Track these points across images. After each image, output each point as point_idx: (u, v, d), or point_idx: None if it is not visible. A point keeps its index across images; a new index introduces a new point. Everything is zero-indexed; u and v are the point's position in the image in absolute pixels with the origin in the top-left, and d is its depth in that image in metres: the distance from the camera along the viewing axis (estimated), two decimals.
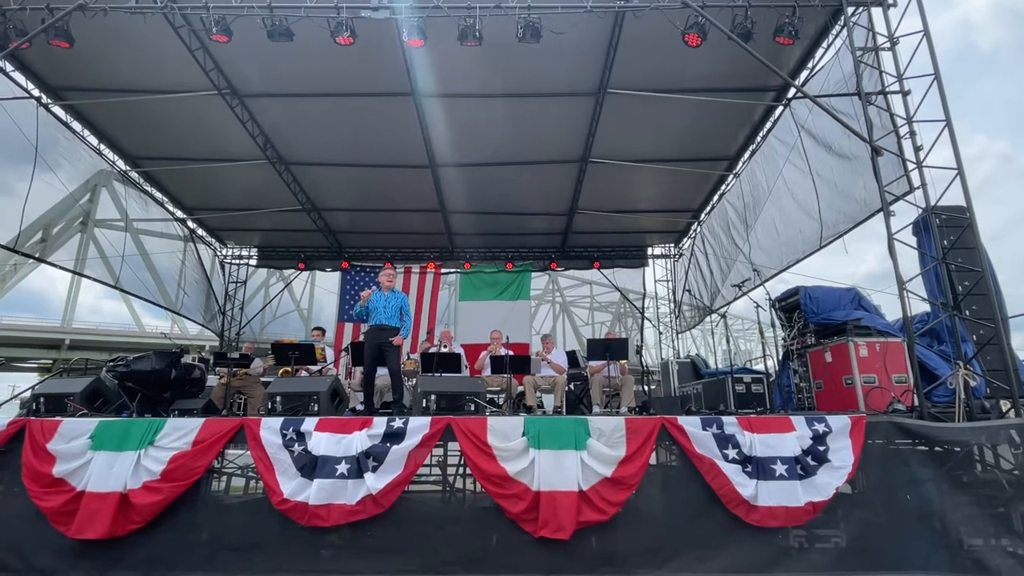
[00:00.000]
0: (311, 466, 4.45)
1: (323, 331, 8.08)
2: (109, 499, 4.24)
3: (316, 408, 5.21)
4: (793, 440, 4.54)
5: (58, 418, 4.58)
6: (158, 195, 9.46)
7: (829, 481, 4.40)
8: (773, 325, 7.09)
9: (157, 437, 4.49)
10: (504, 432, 4.66)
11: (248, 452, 4.61)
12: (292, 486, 4.39)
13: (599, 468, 4.52)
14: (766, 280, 8.10)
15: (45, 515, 4.20)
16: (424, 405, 5.25)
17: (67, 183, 7.46)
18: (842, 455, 4.48)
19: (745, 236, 8.70)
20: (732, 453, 4.56)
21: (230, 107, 7.19)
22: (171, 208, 9.84)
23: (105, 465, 4.34)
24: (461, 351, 7.70)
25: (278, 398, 5.28)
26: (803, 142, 6.88)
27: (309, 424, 4.64)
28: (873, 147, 5.33)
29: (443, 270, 11.81)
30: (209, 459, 4.53)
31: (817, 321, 6.74)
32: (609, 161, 8.25)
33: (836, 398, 6.00)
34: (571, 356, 8.22)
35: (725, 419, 4.70)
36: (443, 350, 7.25)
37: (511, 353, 7.04)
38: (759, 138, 7.87)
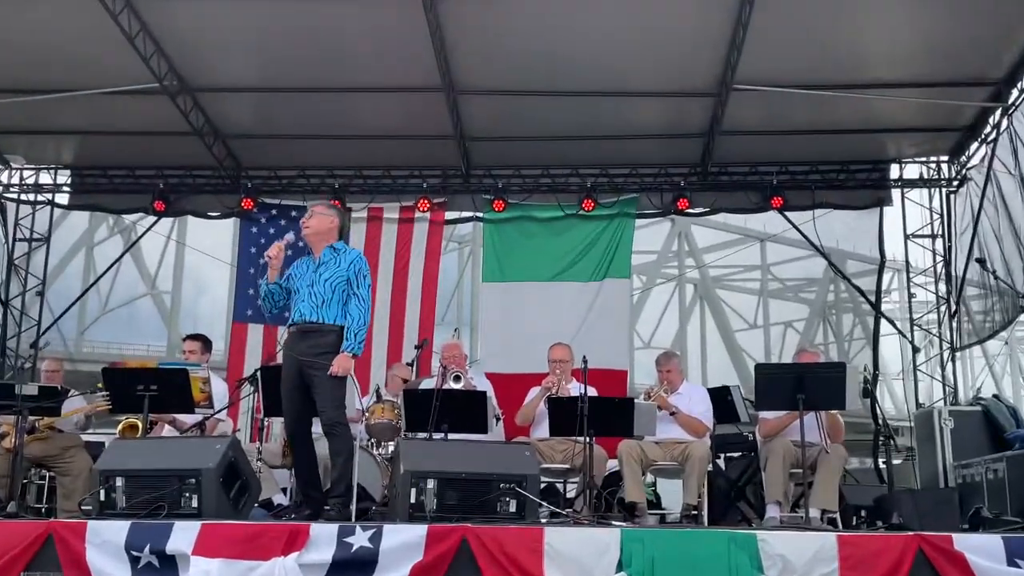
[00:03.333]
0: None
1: (205, 342, 8.28)
2: None
3: (195, 503, 5.36)
4: None
5: None
6: None
7: None
8: None
9: None
10: (579, 561, 4.72)
11: None
12: None
13: None
14: None
15: None
16: (413, 500, 5.37)
17: None
18: None
19: None
20: None
21: None
22: None
23: None
24: (486, 386, 7.85)
25: (119, 482, 5.45)
26: None
27: (182, 538, 4.73)
28: None
29: (447, 214, 11.91)
30: None
31: None
32: None
33: None
34: (719, 397, 8.27)
35: None
36: (451, 384, 7.37)
37: (593, 392, 7.08)
38: None
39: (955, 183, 11.49)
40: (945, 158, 11.48)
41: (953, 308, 11.56)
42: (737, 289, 22.67)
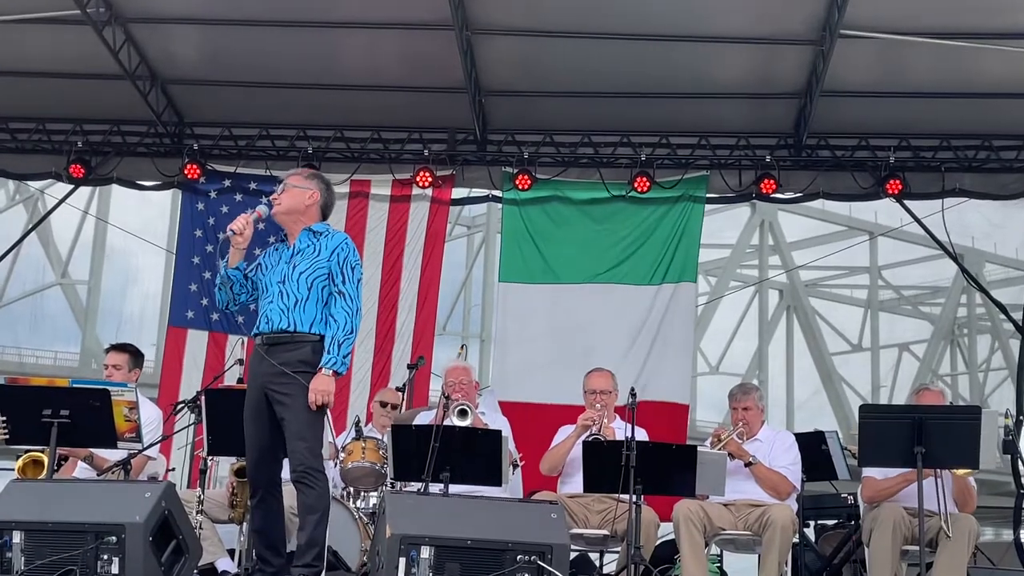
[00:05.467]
0: None
1: (135, 355, 8.30)
2: None
3: (116, 569, 5.34)
4: None
5: None
6: None
7: None
8: None
9: None
10: None
11: None
12: None
13: None
14: None
15: None
16: (402, 573, 5.34)
17: None
18: None
19: None
20: None
21: None
22: None
23: None
24: (502, 423, 7.91)
25: (16, 537, 5.42)
26: None
27: None
28: None
29: (455, 191, 11.98)
30: None
31: None
32: None
33: None
34: (811, 446, 8.39)
35: None
36: (454, 420, 7.38)
37: (643, 435, 7.09)
38: None
39: None
40: None
41: None
42: (837, 298, 22.49)
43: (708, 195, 11.64)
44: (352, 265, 6.01)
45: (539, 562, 5.37)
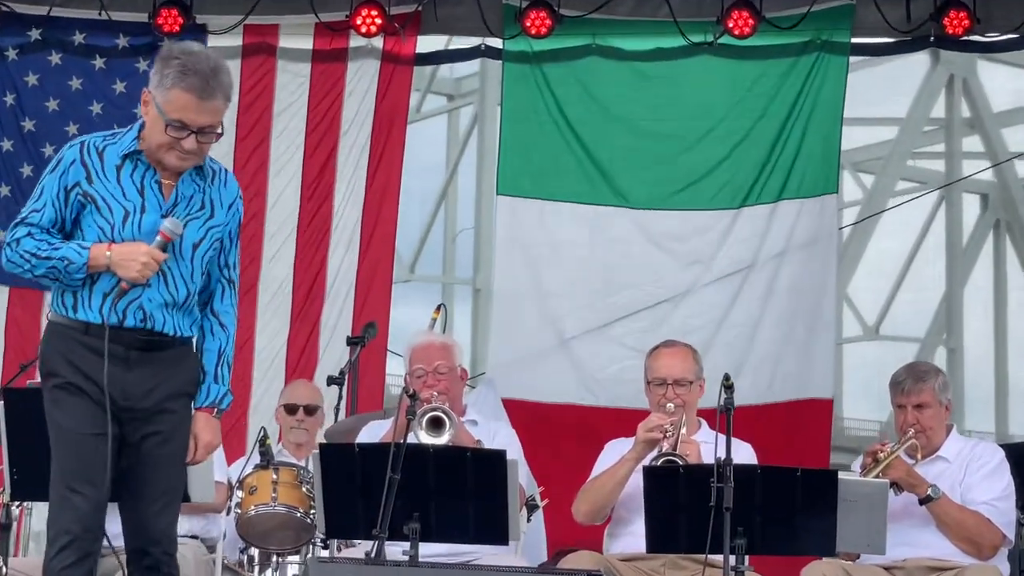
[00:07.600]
0: None
1: None
2: None
3: None
4: None
5: None
6: None
7: None
8: None
9: None
10: None
11: None
12: None
13: None
14: None
15: None
16: None
17: None
18: None
19: None
20: None
21: None
22: None
23: None
24: (508, 439, 7.94)
25: None
26: None
27: None
28: None
29: (422, 40, 12.03)
30: None
31: None
32: None
33: None
34: None
35: None
36: (421, 435, 7.38)
37: (748, 454, 7.26)
38: None
39: None
40: None
41: None
42: None
43: (855, 40, 11.62)
44: (238, 233, 6.00)
45: None
